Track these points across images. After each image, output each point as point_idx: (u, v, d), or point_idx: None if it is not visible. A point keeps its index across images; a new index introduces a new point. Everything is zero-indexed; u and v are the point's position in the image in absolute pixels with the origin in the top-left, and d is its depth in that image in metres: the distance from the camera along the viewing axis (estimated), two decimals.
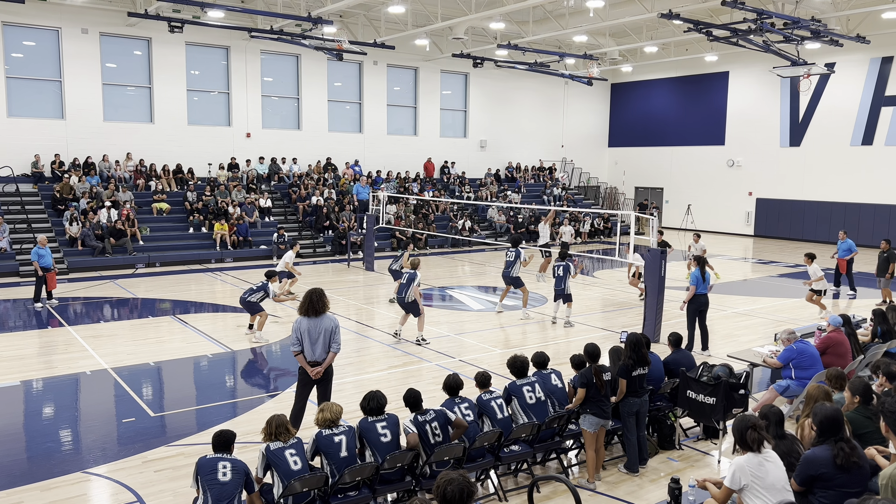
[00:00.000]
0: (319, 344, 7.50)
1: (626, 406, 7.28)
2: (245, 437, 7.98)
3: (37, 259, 15.10)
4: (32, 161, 22.35)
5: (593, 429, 6.99)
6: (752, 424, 5.03)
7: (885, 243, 16.37)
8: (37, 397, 9.85)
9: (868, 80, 27.71)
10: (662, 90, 35.50)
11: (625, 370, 7.21)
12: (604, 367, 7.17)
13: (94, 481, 7.10)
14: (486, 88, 33.10)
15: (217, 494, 5.27)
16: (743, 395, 7.70)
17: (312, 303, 7.49)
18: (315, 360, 7.52)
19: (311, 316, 7.50)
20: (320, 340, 7.49)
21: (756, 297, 17.60)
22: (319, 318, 7.51)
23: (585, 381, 6.97)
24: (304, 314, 7.52)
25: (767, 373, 10.09)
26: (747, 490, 4.91)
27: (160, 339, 12.82)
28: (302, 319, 7.52)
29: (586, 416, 7.01)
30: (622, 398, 7.27)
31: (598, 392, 6.97)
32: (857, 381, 6.00)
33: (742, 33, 21.94)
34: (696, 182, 33.91)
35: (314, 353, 7.51)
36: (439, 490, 3.71)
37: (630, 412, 7.29)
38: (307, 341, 7.48)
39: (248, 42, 25.81)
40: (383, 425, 6.19)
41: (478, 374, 7.18)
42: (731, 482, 4.99)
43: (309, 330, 7.47)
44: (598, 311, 15.71)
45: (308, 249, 24.12)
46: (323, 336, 7.49)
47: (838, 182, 28.74)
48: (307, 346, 7.49)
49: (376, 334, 13.17)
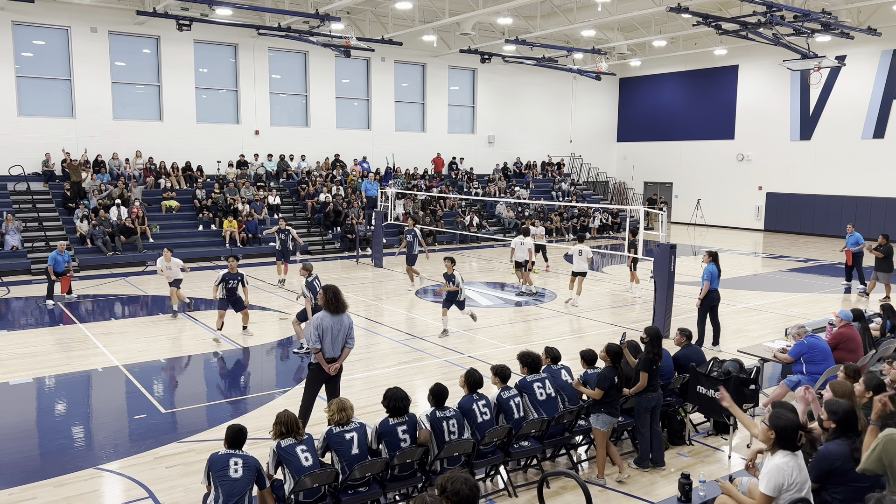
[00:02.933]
0: (339, 341, 7.52)
1: (644, 401, 7.18)
2: (255, 433, 8.02)
3: (52, 264, 15.29)
4: (43, 160, 22.49)
5: (606, 427, 6.94)
6: (802, 425, 4.77)
7: (882, 238, 16.28)
8: (49, 394, 9.93)
9: (879, 72, 27.47)
10: (671, 84, 35.32)
11: (648, 363, 7.11)
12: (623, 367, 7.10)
13: (107, 477, 7.15)
14: (494, 84, 33.03)
15: (228, 490, 5.29)
16: (753, 390, 7.68)
17: (338, 301, 7.45)
18: (332, 357, 7.53)
19: (335, 313, 7.46)
20: (339, 337, 7.51)
21: (766, 291, 17.52)
22: (342, 315, 7.51)
23: (609, 384, 6.87)
24: (330, 311, 7.47)
25: (778, 368, 10.05)
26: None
27: (171, 335, 12.89)
28: (325, 316, 7.47)
29: (600, 415, 6.94)
30: (640, 393, 7.18)
31: (618, 392, 6.94)
32: (871, 375, 5.96)
33: (752, 26, 21.80)
34: (705, 177, 33.74)
35: (333, 350, 7.51)
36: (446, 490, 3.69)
37: (647, 407, 7.20)
38: (328, 338, 7.45)
39: (256, 39, 25.86)
40: (404, 429, 6.12)
41: (497, 367, 7.10)
42: (771, 488, 4.54)
43: (332, 327, 7.45)
44: (606, 306, 15.68)
45: (317, 246, 24.17)
46: (342, 333, 7.52)
47: (849, 176, 28.52)
48: (328, 343, 7.46)
49: (386, 331, 13.19)
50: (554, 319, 14.27)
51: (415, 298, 16.35)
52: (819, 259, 23.18)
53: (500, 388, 6.99)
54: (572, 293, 15.59)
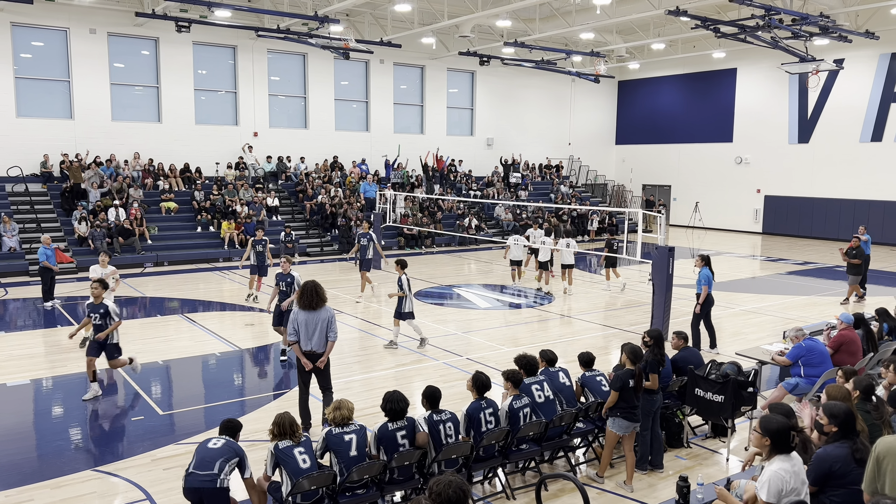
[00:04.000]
0: (315, 336, 7.72)
1: (649, 403, 7.18)
2: (254, 434, 8.01)
3: (45, 259, 15.18)
4: (41, 161, 22.47)
5: (623, 431, 6.87)
6: (793, 425, 4.77)
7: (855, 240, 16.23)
8: (47, 396, 9.91)
9: (877, 76, 27.53)
10: (670, 87, 35.37)
11: (656, 364, 7.21)
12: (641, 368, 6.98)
13: (104, 479, 7.13)
14: (493, 86, 33.05)
15: (201, 457, 5.58)
16: (751, 392, 7.68)
17: (310, 296, 7.68)
18: (311, 351, 7.74)
19: (309, 309, 7.70)
20: (316, 332, 7.71)
21: (764, 294, 17.53)
22: (318, 311, 7.72)
23: (621, 385, 6.80)
24: (303, 307, 7.71)
25: (776, 371, 10.05)
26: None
27: (168, 337, 12.87)
28: (299, 312, 7.74)
29: (616, 419, 6.86)
30: (646, 395, 7.15)
31: (635, 394, 6.86)
32: (861, 378, 6.02)
33: (750, 30, 21.84)
34: (703, 179, 33.78)
35: (310, 344, 7.72)
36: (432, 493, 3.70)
37: (651, 409, 7.22)
38: (303, 333, 7.71)
39: (255, 41, 25.87)
40: (403, 434, 6.11)
41: (508, 372, 6.94)
42: (772, 494, 4.51)
43: (306, 322, 7.70)
44: (603, 309, 15.68)
45: (315, 248, 24.16)
46: (319, 328, 7.72)
47: (847, 179, 28.58)
48: (303, 337, 7.72)
49: (383, 332, 13.18)
50: (551, 322, 14.27)
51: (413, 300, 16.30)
52: (817, 262, 23.20)
53: (512, 396, 6.86)
54: (565, 283, 17.15)
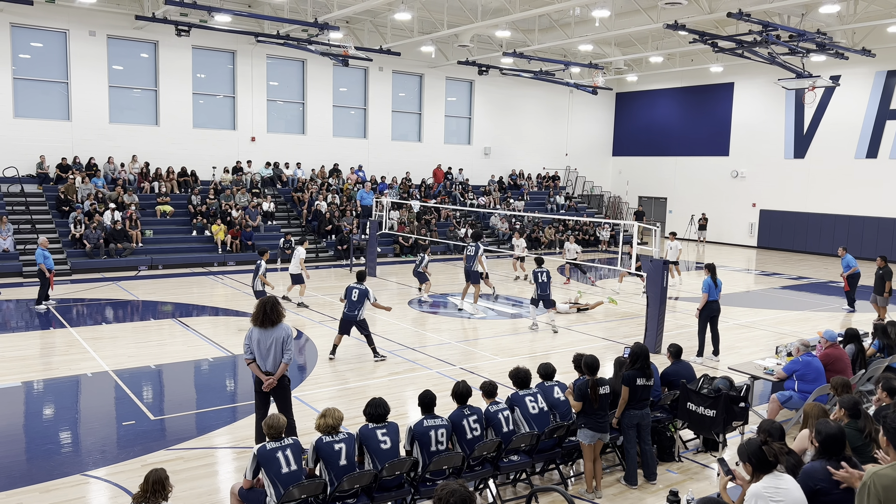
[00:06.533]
0: (270, 356, 7.28)
1: (627, 418, 7.23)
2: (245, 441, 7.99)
3: (42, 261, 15.10)
4: (38, 162, 22.43)
5: (589, 441, 6.96)
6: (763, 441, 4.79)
7: (880, 260, 16.22)
8: (37, 398, 9.86)
9: (873, 93, 27.71)
10: (667, 100, 35.53)
11: (628, 378, 7.17)
12: (601, 380, 7.05)
13: (94, 484, 7.10)
14: (491, 96, 33.16)
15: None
16: (743, 407, 7.70)
17: (265, 313, 7.25)
18: (267, 371, 7.32)
19: (262, 327, 7.29)
20: (271, 352, 7.27)
21: (758, 308, 17.57)
22: (272, 329, 7.29)
23: (582, 395, 6.93)
24: (256, 324, 7.31)
25: (769, 386, 10.06)
26: None
27: (161, 341, 12.83)
28: (253, 329, 7.34)
29: (582, 429, 6.99)
30: (624, 409, 7.22)
31: (592, 406, 6.92)
32: (848, 397, 6.05)
33: (747, 45, 21.96)
34: (699, 193, 33.89)
35: (265, 365, 7.31)
36: (441, 500, 3.69)
37: (630, 424, 7.23)
38: (257, 352, 7.30)
39: (255, 46, 25.92)
40: (383, 432, 6.18)
41: (484, 384, 7.14)
42: None
43: (259, 341, 7.28)
44: (600, 320, 15.70)
45: (311, 254, 24.13)
46: (274, 347, 7.26)
47: (842, 195, 28.71)
48: (258, 356, 7.31)
49: (377, 341, 13.15)
50: (546, 332, 14.27)
51: (407, 308, 16.34)
52: (811, 277, 23.28)
53: (487, 403, 7.02)
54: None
